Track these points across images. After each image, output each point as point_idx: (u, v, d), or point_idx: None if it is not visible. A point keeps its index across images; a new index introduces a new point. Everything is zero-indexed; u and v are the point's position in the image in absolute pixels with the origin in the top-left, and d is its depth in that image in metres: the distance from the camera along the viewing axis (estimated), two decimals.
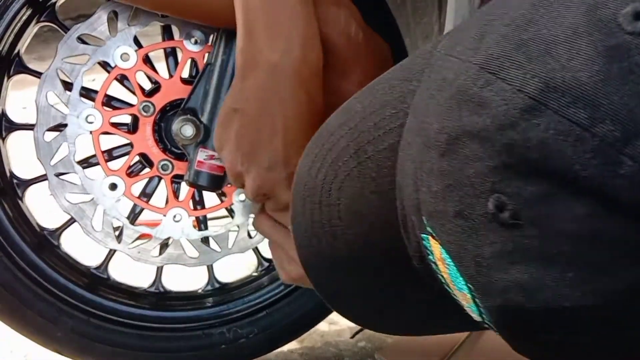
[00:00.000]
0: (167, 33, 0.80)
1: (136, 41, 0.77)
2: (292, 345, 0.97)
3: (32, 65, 0.81)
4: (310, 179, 0.50)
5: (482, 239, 0.35)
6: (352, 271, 0.50)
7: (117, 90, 0.78)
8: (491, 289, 0.36)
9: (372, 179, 0.46)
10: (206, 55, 0.77)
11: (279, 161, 0.67)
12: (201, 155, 0.75)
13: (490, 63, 0.35)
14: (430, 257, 0.40)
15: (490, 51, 0.35)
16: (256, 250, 0.91)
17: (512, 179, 0.33)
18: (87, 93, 0.78)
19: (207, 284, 0.91)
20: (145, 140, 0.78)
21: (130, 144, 0.79)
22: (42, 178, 0.81)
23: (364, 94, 0.50)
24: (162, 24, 0.79)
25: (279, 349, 0.93)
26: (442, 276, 0.40)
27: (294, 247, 0.75)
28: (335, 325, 1.07)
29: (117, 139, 0.79)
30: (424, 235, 0.40)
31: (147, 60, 0.78)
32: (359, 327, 1.06)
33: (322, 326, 1.03)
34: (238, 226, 0.85)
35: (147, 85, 0.80)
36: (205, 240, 0.85)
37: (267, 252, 0.93)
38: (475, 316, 0.39)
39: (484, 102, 0.34)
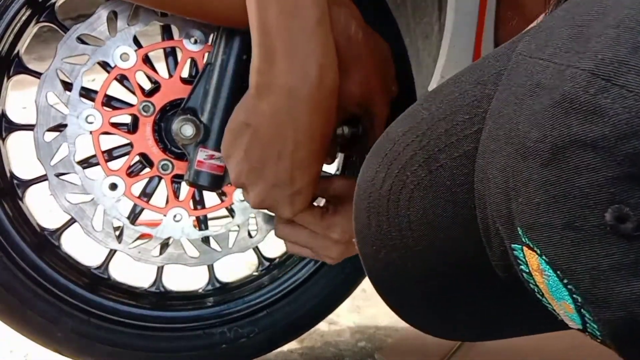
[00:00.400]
0: (166, 33, 0.80)
1: (136, 41, 0.77)
2: (292, 345, 0.98)
3: (31, 66, 0.81)
4: (375, 191, 0.49)
5: (597, 251, 0.34)
6: (424, 281, 0.49)
7: (117, 91, 0.78)
8: (610, 301, 0.35)
9: (446, 188, 0.44)
10: (206, 54, 0.77)
11: (285, 180, 0.68)
12: (201, 155, 0.75)
13: (603, 68, 0.33)
14: (523, 267, 0.39)
15: (601, 56, 0.33)
16: (256, 250, 0.91)
17: (636, 189, 0.32)
18: (87, 93, 0.78)
19: (208, 283, 0.91)
20: (145, 140, 0.78)
21: (130, 144, 0.79)
22: (43, 178, 0.81)
23: (428, 100, 0.48)
24: (161, 24, 0.79)
25: (279, 349, 0.93)
26: (537, 286, 0.39)
27: (319, 245, 0.77)
28: (335, 325, 1.07)
29: (117, 139, 0.79)
30: (516, 245, 0.39)
31: (146, 60, 0.78)
32: (360, 328, 1.06)
33: (322, 326, 1.03)
34: (238, 226, 0.85)
35: (147, 85, 0.80)
36: (205, 239, 0.85)
37: (267, 252, 0.93)
38: (574, 324, 0.39)
39: (599, 110, 0.33)
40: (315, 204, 0.79)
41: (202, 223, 0.85)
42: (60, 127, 0.77)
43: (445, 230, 0.45)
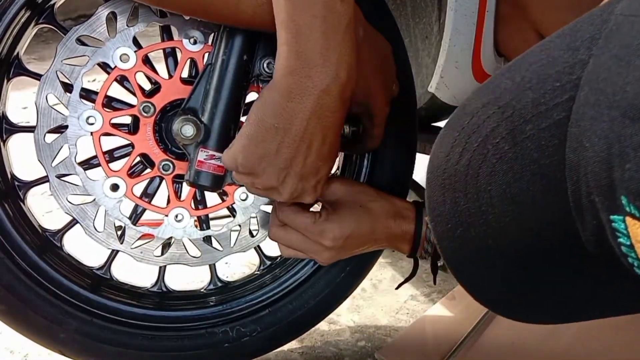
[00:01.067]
0: (166, 33, 0.80)
1: (135, 42, 0.77)
2: (292, 344, 0.98)
3: (32, 65, 0.81)
4: (450, 166, 0.47)
5: None
6: (504, 259, 0.47)
7: (118, 91, 0.78)
8: None
9: (532, 160, 0.42)
10: (205, 55, 0.77)
11: (311, 172, 0.70)
12: (201, 155, 0.75)
13: None
14: (622, 239, 0.37)
15: None
16: (258, 249, 0.91)
17: None
18: (87, 94, 0.78)
19: (210, 283, 0.91)
20: (146, 140, 0.78)
21: (131, 145, 0.79)
22: (44, 180, 0.81)
23: (511, 69, 0.45)
24: (160, 24, 0.79)
25: (279, 348, 0.93)
26: (639, 260, 0.37)
27: (311, 248, 0.77)
28: (335, 325, 1.07)
29: (118, 140, 0.79)
30: (616, 216, 0.36)
31: (146, 61, 0.78)
32: (360, 327, 1.06)
33: (322, 325, 1.03)
34: (240, 225, 0.85)
35: (147, 86, 0.80)
36: (207, 239, 0.85)
37: (268, 251, 0.93)
38: None
39: None
40: (312, 209, 0.80)
41: (203, 223, 0.85)
42: (60, 129, 0.77)
43: (531, 205, 0.43)
